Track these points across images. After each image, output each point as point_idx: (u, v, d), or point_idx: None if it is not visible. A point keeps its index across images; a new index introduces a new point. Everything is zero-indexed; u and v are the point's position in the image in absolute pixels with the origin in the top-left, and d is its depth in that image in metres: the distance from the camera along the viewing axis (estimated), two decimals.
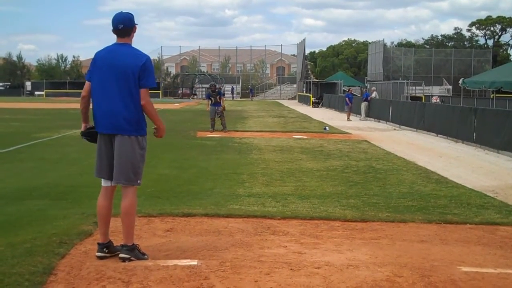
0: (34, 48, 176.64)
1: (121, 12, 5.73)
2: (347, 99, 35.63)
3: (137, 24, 5.79)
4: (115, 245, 5.79)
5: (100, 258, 5.67)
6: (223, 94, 23.52)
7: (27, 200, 8.86)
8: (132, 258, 5.57)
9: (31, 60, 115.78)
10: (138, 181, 5.74)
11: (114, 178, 5.69)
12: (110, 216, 5.87)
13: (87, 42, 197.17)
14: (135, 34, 5.79)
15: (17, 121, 28.25)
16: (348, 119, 33.88)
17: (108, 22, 5.65)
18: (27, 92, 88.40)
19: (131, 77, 5.54)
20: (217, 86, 23.63)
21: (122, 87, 5.55)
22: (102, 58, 5.69)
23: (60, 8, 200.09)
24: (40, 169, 12.20)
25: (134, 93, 5.56)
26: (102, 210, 5.81)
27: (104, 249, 5.72)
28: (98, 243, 5.78)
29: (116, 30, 5.68)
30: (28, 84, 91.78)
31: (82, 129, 5.92)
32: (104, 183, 5.82)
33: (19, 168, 12.41)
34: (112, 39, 5.77)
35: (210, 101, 23.17)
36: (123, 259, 5.56)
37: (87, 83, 5.74)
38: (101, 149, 5.75)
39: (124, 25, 5.65)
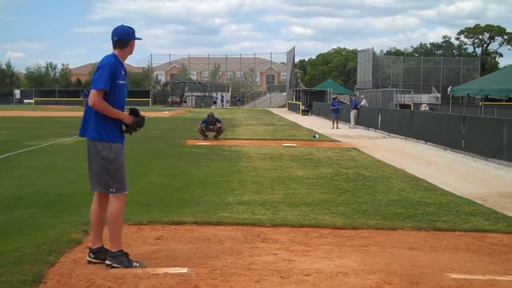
0: (23, 56, 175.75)
1: (121, 25, 5.84)
2: (333, 106, 35.73)
3: (139, 39, 5.88)
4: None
5: (88, 262, 5.69)
6: (220, 121, 23.44)
7: (16, 208, 8.82)
8: (114, 265, 5.57)
9: (20, 68, 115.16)
10: (111, 189, 5.69)
11: (89, 184, 5.84)
12: (103, 221, 5.87)
13: (76, 50, 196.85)
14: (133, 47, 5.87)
15: (6, 129, 28.11)
16: (337, 127, 33.81)
17: (97, 30, 5.77)
18: (16, 100, 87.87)
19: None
20: (215, 116, 23.64)
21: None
22: None
23: (49, 16, 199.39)
24: (29, 178, 12.15)
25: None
26: (93, 214, 5.88)
27: (91, 254, 5.76)
28: (88, 248, 5.81)
29: (112, 41, 5.78)
30: (17, 92, 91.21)
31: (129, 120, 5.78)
32: None
33: (8, 176, 12.36)
34: (102, 47, 5.82)
35: (203, 126, 22.95)
36: (107, 265, 5.60)
37: None
38: (87, 155, 5.87)
39: (118, 38, 5.76)
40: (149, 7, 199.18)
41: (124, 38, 5.78)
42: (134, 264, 5.66)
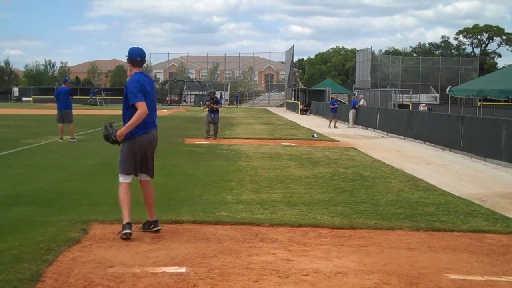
0: (21, 54, 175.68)
1: (137, 47, 7.19)
2: (332, 106, 35.77)
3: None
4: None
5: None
6: (221, 103, 23.36)
7: (14, 206, 8.80)
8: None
9: (18, 66, 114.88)
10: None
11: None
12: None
13: (74, 48, 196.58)
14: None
15: (4, 127, 28.08)
16: (335, 126, 33.85)
17: (95, 28, 5.80)
18: (15, 98, 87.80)
19: None
20: (216, 94, 23.63)
21: None
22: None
23: (46, 14, 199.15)
24: (27, 176, 12.13)
25: None
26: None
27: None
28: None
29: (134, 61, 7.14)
30: (15, 90, 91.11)
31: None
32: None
33: (6, 174, 12.33)
34: (100, 45, 5.88)
35: (207, 106, 23.09)
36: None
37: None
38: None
39: (141, 58, 7.21)
40: (147, 5, 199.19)
41: (144, 58, 7.37)
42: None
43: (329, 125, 34.13)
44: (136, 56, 7.10)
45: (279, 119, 43.54)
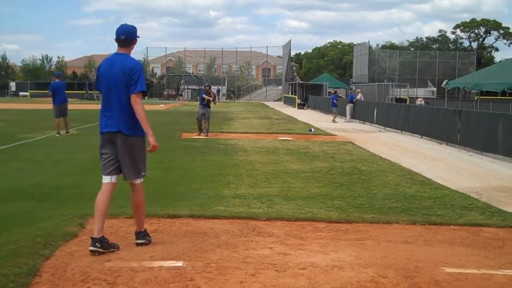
0: (18, 48, 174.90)
1: (126, 24, 6.26)
2: (336, 100, 35.89)
3: (138, 37, 6.27)
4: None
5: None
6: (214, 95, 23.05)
7: (11, 201, 8.81)
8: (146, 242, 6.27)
9: (15, 60, 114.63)
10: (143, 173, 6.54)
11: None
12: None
13: (71, 42, 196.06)
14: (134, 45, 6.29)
15: (1, 121, 28.02)
16: (333, 120, 34.02)
17: (91, 22, 5.76)
18: (12, 93, 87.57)
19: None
20: (211, 87, 23.43)
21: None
22: None
23: (43, 8, 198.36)
24: (25, 170, 12.13)
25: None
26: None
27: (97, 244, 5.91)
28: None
29: (119, 40, 6.18)
30: (12, 85, 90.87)
31: None
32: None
33: (4, 169, 12.33)
34: (97, 40, 5.87)
35: (202, 99, 22.50)
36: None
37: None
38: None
39: (126, 36, 6.17)
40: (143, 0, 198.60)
41: (132, 36, 6.20)
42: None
43: (333, 119, 34.34)
44: (120, 34, 6.13)
45: (276, 114, 43.52)
